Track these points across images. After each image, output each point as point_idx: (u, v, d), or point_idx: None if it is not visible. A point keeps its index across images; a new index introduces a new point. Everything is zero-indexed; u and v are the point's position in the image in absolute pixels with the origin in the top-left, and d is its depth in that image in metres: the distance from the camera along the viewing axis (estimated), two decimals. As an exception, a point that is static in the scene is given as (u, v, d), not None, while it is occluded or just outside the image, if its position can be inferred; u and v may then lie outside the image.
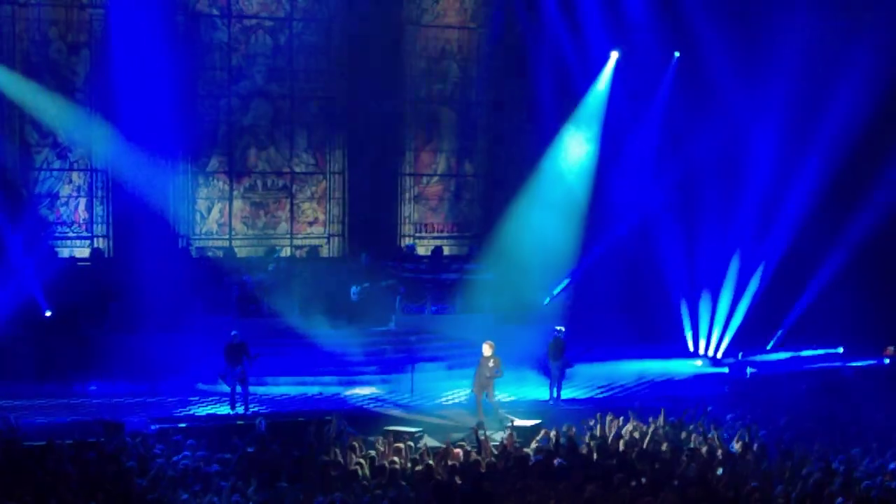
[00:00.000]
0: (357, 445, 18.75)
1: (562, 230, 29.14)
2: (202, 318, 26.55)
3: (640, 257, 29.35)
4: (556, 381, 24.50)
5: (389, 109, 30.04)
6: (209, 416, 22.37)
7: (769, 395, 23.41)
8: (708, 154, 29.02)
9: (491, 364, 22.24)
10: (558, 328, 24.93)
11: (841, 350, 28.90)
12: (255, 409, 22.80)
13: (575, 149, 29.79)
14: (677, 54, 29.94)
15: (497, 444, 19.06)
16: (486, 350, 22.33)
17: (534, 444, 19.46)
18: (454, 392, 24.30)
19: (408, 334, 27.26)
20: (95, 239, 28.46)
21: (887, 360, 28.34)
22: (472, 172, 31.77)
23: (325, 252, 30.54)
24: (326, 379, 25.42)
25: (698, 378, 27.35)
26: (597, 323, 27.42)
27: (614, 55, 29.79)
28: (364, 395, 24.62)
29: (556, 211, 29.15)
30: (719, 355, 29.06)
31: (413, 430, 20.38)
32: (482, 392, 22.18)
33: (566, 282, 29.57)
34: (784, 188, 28.62)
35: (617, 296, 28.44)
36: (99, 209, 28.50)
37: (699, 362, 28.77)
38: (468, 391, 22.95)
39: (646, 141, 29.99)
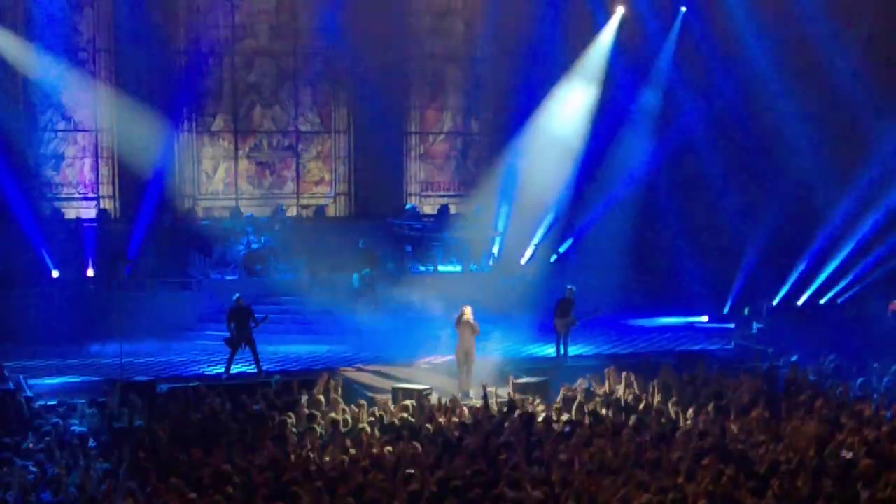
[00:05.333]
0: (365, 403, 18.86)
1: (566, 186, 29.11)
2: (209, 277, 26.63)
3: (646, 215, 29.28)
4: (563, 338, 24.53)
5: (394, 67, 29.93)
6: (218, 374, 22.41)
7: (775, 351, 23.45)
8: (715, 106, 28.97)
9: (472, 328, 21.96)
10: (569, 287, 24.88)
11: (846, 306, 28.89)
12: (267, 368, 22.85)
13: (578, 103, 29.63)
14: (683, 9, 29.77)
15: (504, 400, 19.15)
16: (467, 313, 22.07)
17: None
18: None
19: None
20: (101, 200, 28.47)
21: (891, 315, 28.31)
22: (479, 130, 31.69)
23: (331, 211, 30.52)
24: (334, 337, 25.49)
25: (705, 334, 27.39)
26: (602, 281, 27.38)
27: (620, 10, 29.62)
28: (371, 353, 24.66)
29: (559, 167, 29.07)
30: (726, 311, 29.04)
31: (421, 387, 20.44)
32: (465, 356, 21.86)
33: (570, 240, 29.59)
34: (794, 141, 28.46)
35: (622, 254, 28.39)
36: (104, 170, 28.50)
37: (706, 318, 28.77)
38: (451, 356, 22.59)
39: (650, 96, 29.82)
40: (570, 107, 29.62)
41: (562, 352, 24.53)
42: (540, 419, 17.89)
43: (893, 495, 13.89)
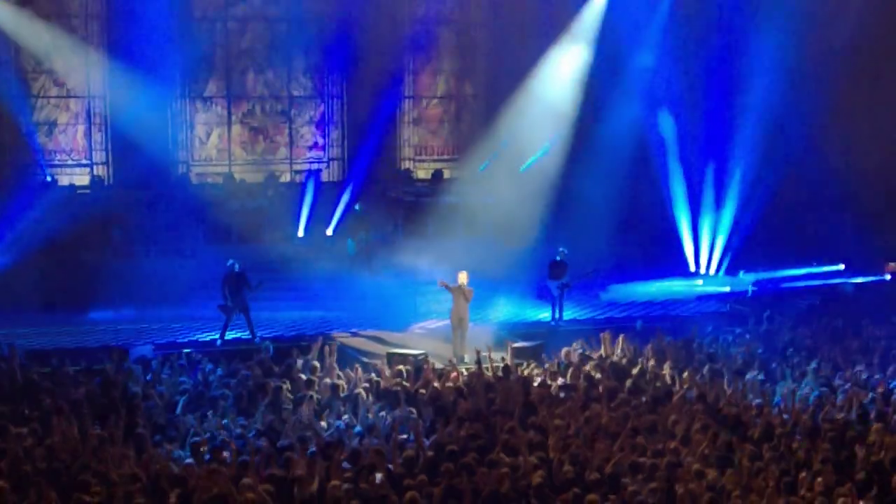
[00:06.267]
0: (360, 368, 18.88)
1: (560, 149, 29.00)
2: (203, 243, 26.60)
3: (640, 176, 29.18)
4: (558, 301, 24.58)
5: (388, 31, 29.74)
6: (213, 341, 22.41)
7: (770, 313, 23.47)
8: (709, 70, 28.83)
9: (467, 293, 21.84)
10: (561, 249, 24.94)
11: (842, 267, 28.91)
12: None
13: (572, 65, 29.47)
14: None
15: (499, 365, 19.16)
16: (462, 278, 21.87)
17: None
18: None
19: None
20: (95, 166, 28.36)
21: (888, 277, 28.38)
22: (472, 93, 31.57)
23: (325, 177, 30.44)
24: (329, 303, 25.48)
25: (700, 297, 27.42)
26: (597, 244, 27.33)
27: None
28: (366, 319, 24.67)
29: (553, 129, 28.95)
30: (721, 274, 29.07)
31: (416, 352, 20.46)
32: (459, 321, 21.91)
33: (562, 205, 29.46)
34: (787, 104, 28.33)
35: (617, 217, 28.31)
36: (97, 136, 28.37)
37: (700, 281, 28.80)
38: (444, 321, 22.60)
39: (644, 57, 29.62)
40: (563, 69, 29.47)
41: (557, 315, 24.58)
42: (535, 383, 17.92)
43: (889, 458, 13.95)
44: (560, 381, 18.28)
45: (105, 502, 12.30)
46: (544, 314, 25.15)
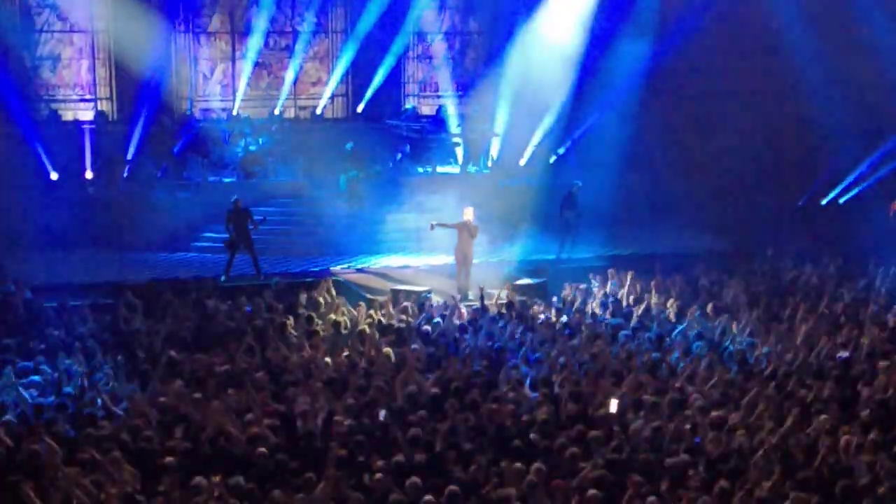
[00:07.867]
0: (364, 304, 18.91)
1: (565, 88, 28.80)
2: (207, 179, 26.57)
3: (645, 118, 28.98)
4: (570, 230, 24.53)
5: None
6: (217, 277, 22.40)
7: (774, 252, 23.44)
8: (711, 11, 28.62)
9: (472, 230, 21.71)
10: (575, 182, 24.95)
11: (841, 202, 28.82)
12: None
13: (577, 3, 29.17)
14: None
15: (503, 302, 19.20)
16: (468, 215, 21.74)
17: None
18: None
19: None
20: (99, 101, 28.24)
21: (893, 214, 28.24)
22: (478, 30, 31.34)
23: (329, 113, 30.30)
24: (333, 240, 25.46)
25: (704, 235, 27.32)
26: (602, 183, 27.20)
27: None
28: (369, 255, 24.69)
29: (558, 68, 28.73)
30: (725, 211, 28.88)
31: (420, 289, 20.48)
32: (464, 258, 21.85)
33: (569, 142, 29.35)
34: (797, 38, 28.12)
35: (622, 157, 28.13)
36: (101, 71, 28.20)
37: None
38: (450, 258, 22.57)
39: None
40: (568, 7, 29.20)
41: (567, 247, 24.53)
42: (539, 320, 17.96)
43: (894, 396, 13.99)
44: (564, 318, 18.32)
45: (111, 437, 12.37)
46: (549, 252, 25.03)
